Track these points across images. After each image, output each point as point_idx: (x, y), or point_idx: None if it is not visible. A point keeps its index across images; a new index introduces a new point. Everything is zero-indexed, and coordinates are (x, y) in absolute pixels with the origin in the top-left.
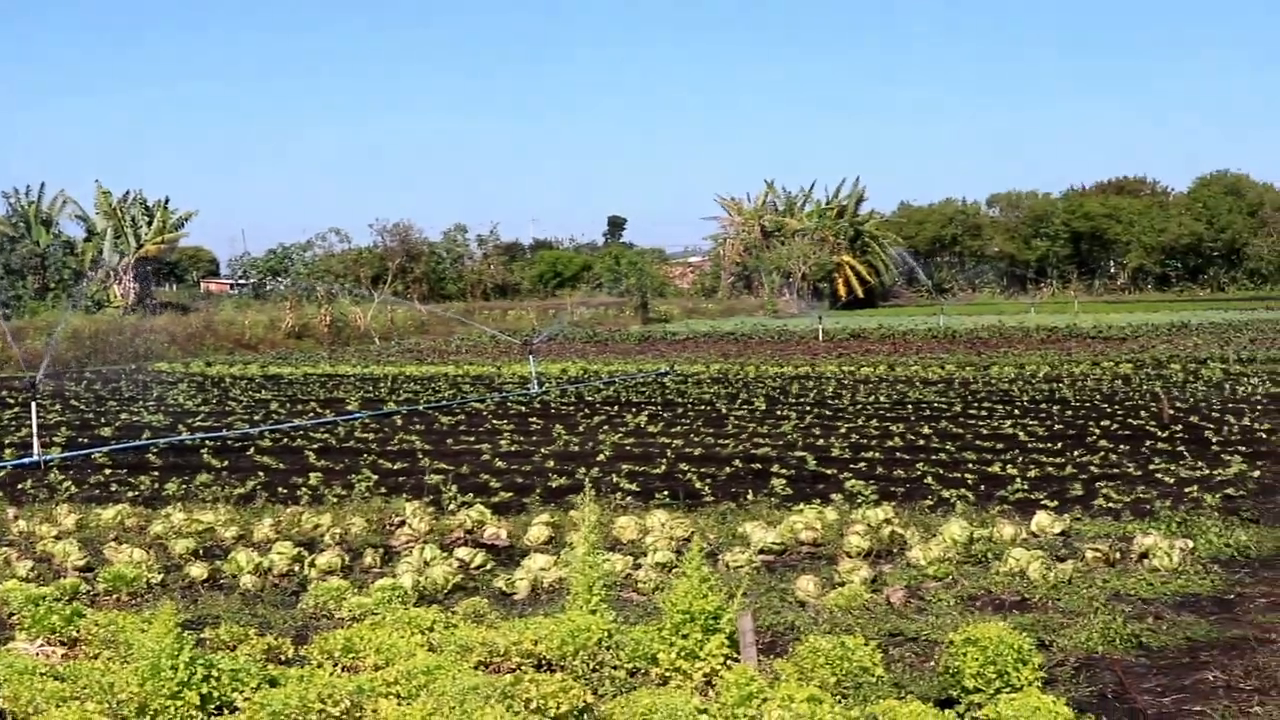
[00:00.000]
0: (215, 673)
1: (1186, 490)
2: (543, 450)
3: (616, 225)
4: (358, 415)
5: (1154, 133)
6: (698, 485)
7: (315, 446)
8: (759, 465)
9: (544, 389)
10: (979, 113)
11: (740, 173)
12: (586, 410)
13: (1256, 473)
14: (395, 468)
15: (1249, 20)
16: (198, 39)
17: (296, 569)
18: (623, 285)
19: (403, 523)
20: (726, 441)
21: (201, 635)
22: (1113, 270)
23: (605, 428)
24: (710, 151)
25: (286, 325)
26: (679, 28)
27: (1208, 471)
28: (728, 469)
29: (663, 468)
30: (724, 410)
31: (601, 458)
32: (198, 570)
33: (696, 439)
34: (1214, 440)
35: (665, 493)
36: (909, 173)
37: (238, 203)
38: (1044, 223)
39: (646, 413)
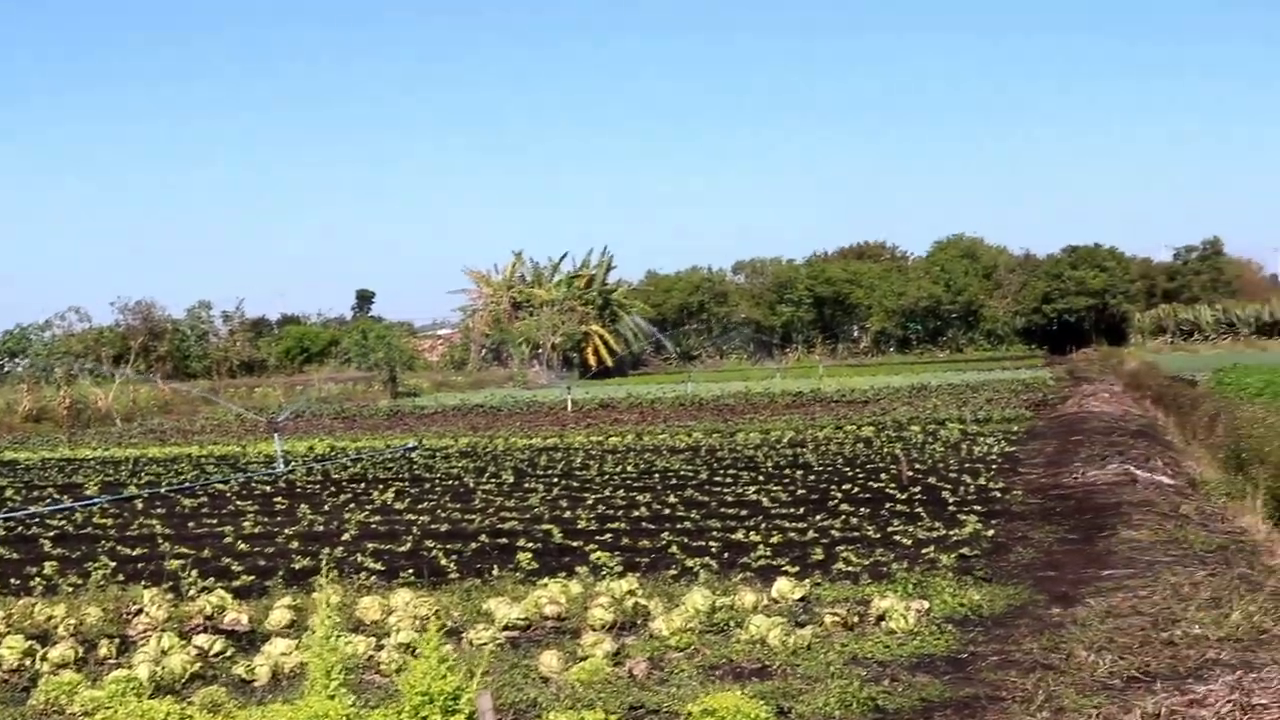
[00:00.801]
0: None
1: (923, 551)
2: (287, 531)
3: (365, 299)
4: (96, 500)
5: (893, 198)
6: (443, 562)
7: (51, 534)
8: (505, 539)
9: (290, 468)
10: (723, 181)
11: (490, 244)
12: (333, 488)
13: (990, 531)
14: (134, 554)
15: (982, 90)
16: None
17: (28, 663)
18: (371, 359)
19: (140, 611)
20: (473, 516)
21: None
22: (855, 334)
23: (351, 505)
24: (459, 223)
25: (23, 408)
26: (422, 97)
27: (944, 532)
28: (474, 544)
29: (408, 545)
30: (472, 484)
31: (347, 536)
32: None
33: (443, 514)
34: (950, 501)
35: (410, 571)
36: (657, 241)
37: None
38: (788, 288)
39: (393, 489)
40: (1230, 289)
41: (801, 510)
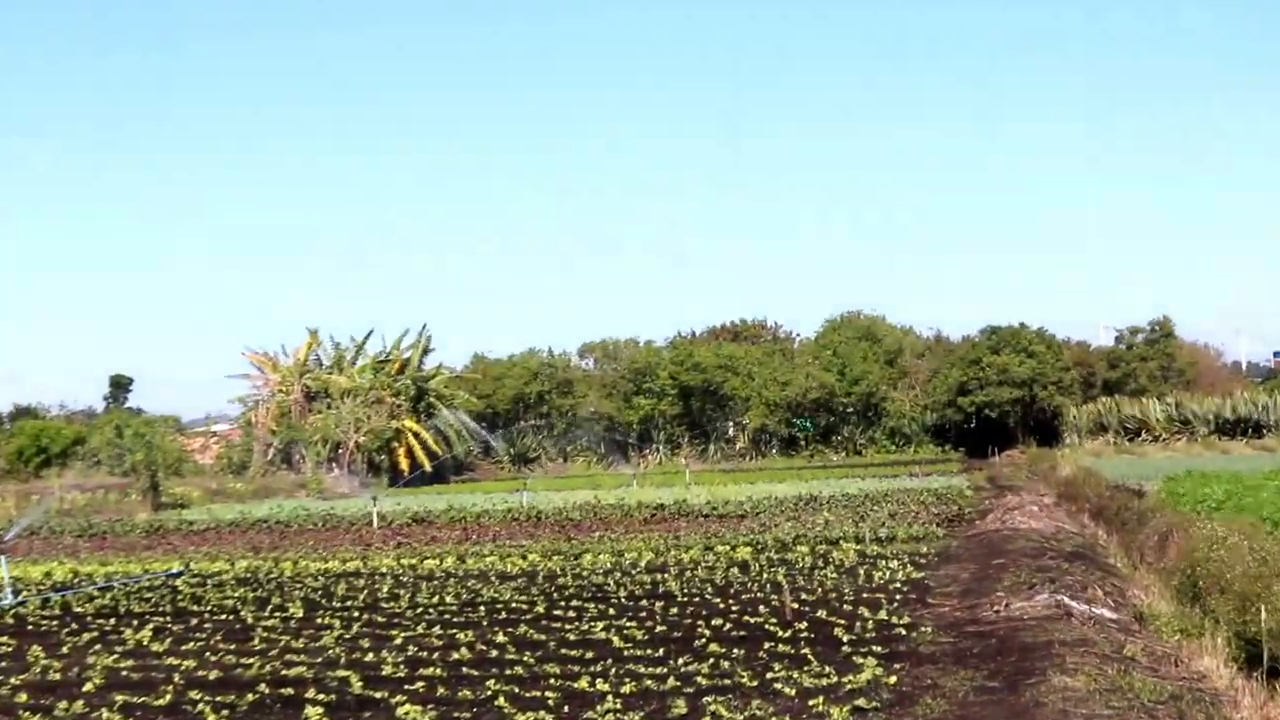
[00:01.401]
0: None
1: (810, 704)
2: (14, 680)
3: (120, 386)
4: None
5: (774, 267)
6: (212, 719)
7: None
8: (291, 690)
9: (19, 599)
10: (564, 246)
11: (278, 320)
12: (75, 624)
13: (893, 678)
14: None
15: (879, 137)
16: None
17: None
18: (128, 462)
19: None
20: (251, 660)
21: None
22: (730, 432)
23: (97, 647)
24: (239, 294)
25: None
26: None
27: (836, 679)
28: (251, 696)
29: (168, 697)
30: (250, 619)
31: (90, 687)
32: None
33: (214, 658)
34: (845, 640)
35: None
36: (485, 320)
37: None
38: (647, 376)
39: (151, 625)
40: (1184, 379)
41: (661, 652)
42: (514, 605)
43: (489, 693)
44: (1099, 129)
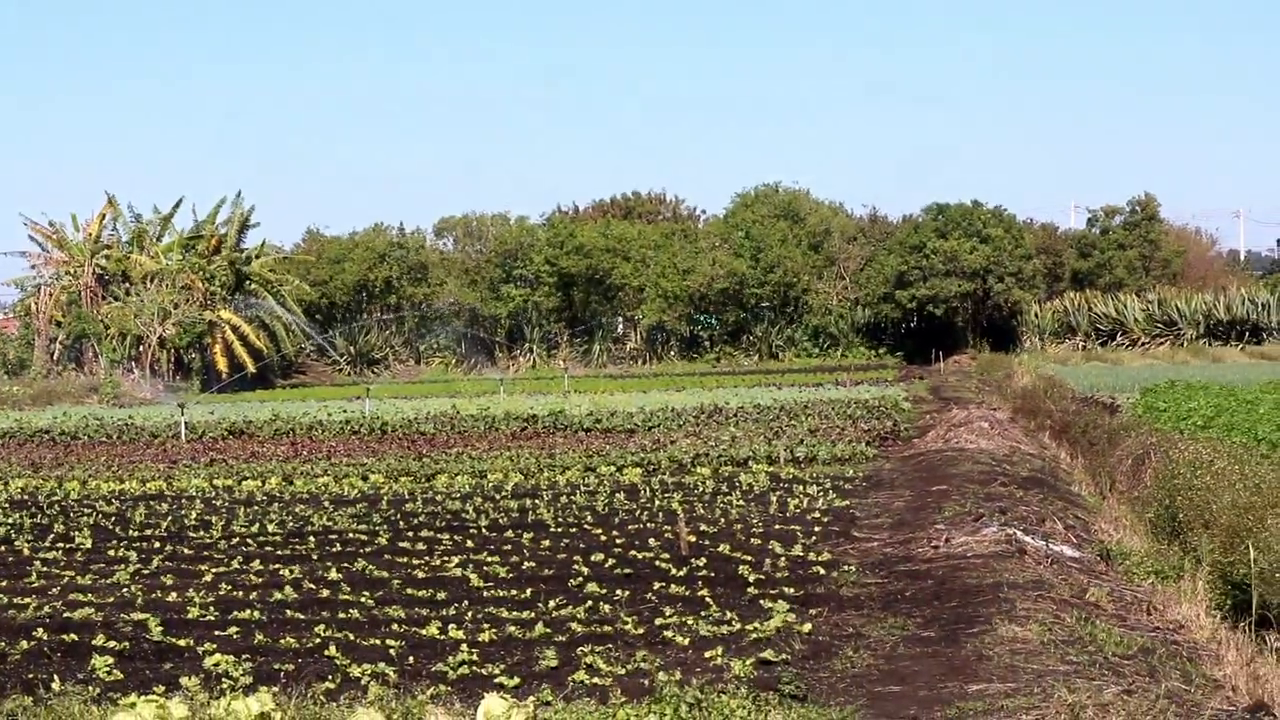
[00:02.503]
0: None
1: (707, 655)
2: None
3: None
4: None
5: (676, 129)
6: None
7: None
8: (75, 635)
9: None
10: (418, 99)
11: (68, 184)
12: None
13: (807, 626)
14: None
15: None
16: None
17: None
18: None
19: None
20: (27, 600)
21: None
22: (619, 330)
23: None
24: (21, 150)
25: None
26: None
27: (739, 626)
28: (25, 643)
29: None
30: (27, 551)
31: None
32: None
33: None
34: (751, 580)
35: None
36: (319, 187)
37: None
38: (519, 260)
39: None
40: (1169, 271)
41: (528, 593)
42: (351, 536)
43: (317, 640)
44: None
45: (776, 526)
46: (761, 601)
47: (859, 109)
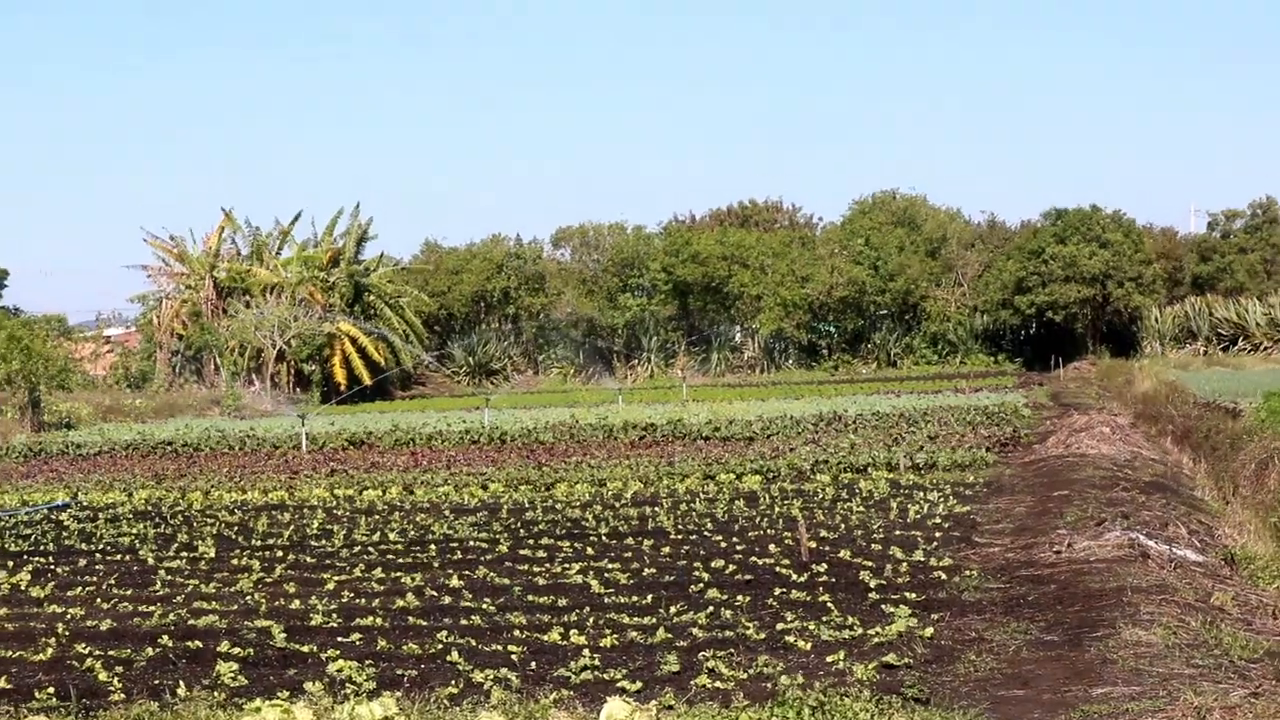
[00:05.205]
0: None
1: (829, 659)
2: None
3: None
4: None
5: (795, 138)
6: (103, 677)
7: None
8: (199, 642)
9: None
10: (538, 111)
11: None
12: None
13: (929, 630)
14: None
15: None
16: None
17: None
18: (1, 373)
19: None
20: (152, 609)
21: None
22: (737, 338)
23: None
24: (140, 169)
25: None
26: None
27: (861, 631)
28: (150, 650)
29: (50, 651)
30: (152, 561)
31: None
32: None
33: (106, 605)
34: (872, 585)
35: (51, 690)
36: (438, 200)
37: None
38: (636, 269)
39: (30, 568)
40: None
41: (649, 599)
42: (471, 544)
43: (439, 646)
44: None
45: (897, 532)
46: (883, 606)
47: (974, 114)
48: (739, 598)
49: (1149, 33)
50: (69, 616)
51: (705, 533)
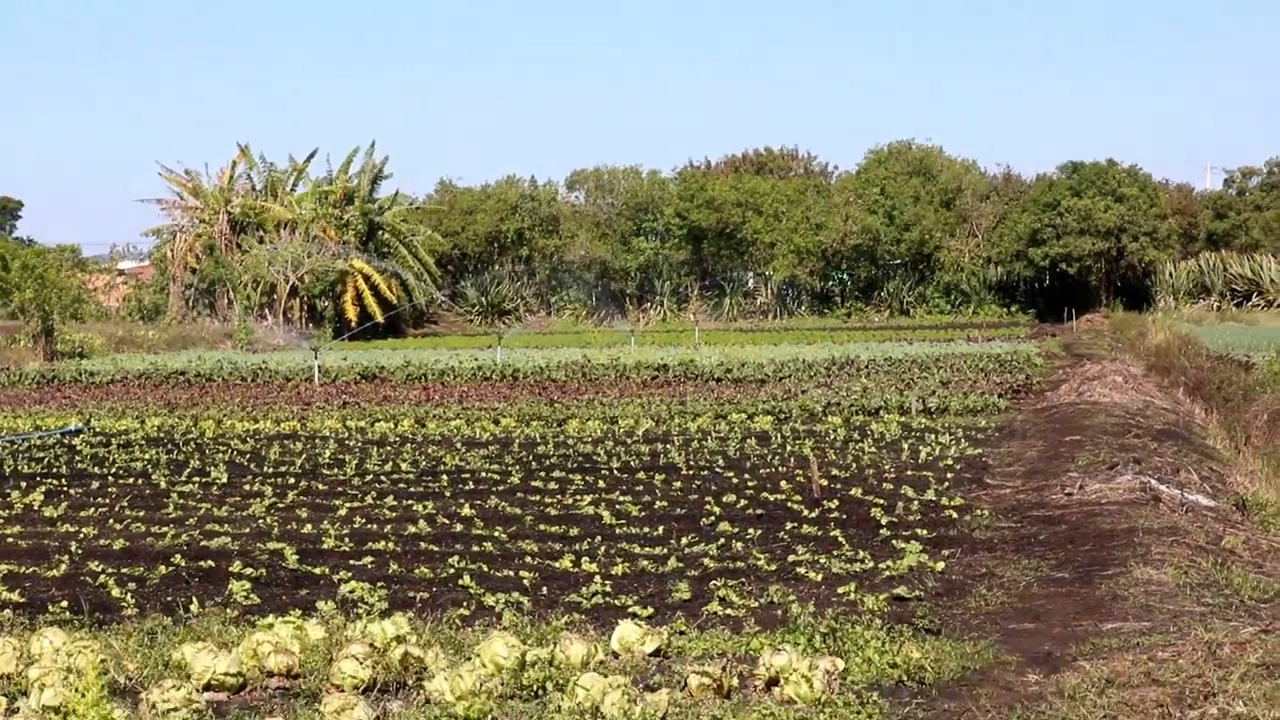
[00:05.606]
0: None
1: (840, 590)
2: None
3: (6, 211)
4: None
5: (810, 86)
6: (115, 592)
7: None
8: (212, 562)
9: None
10: (553, 52)
11: (201, 135)
12: None
13: (940, 565)
14: None
15: None
16: None
17: None
18: (14, 302)
19: None
20: (165, 529)
21: None
22: (750, 284)
23: None
24: (154, 104)
25: None
26: None
27: (872, 564)
28: (163, 568)
29: (63, 568)
30: (164, 485)
31: None
32: None
33: (119, 526)
34: (883, 522)
35: (65, 604)
36: (453, 139)
37: None
38: (650, 214)
39: (44, 489)
40: None
41: (660, 530)
42: (483, 475)
43: (451, 570)
44: None
45: (908, 473)
46: (894, 542)
47: (991, 65)
48: (750, 531)
49: None
50: (82, 535)
51: (717, 469)
